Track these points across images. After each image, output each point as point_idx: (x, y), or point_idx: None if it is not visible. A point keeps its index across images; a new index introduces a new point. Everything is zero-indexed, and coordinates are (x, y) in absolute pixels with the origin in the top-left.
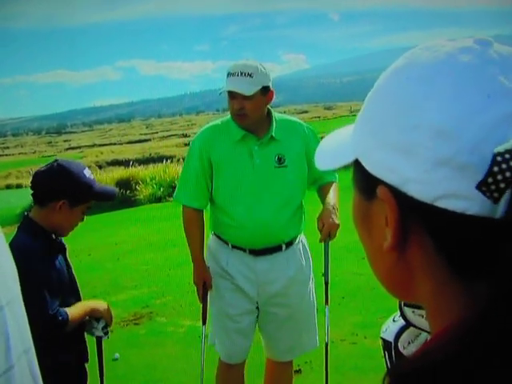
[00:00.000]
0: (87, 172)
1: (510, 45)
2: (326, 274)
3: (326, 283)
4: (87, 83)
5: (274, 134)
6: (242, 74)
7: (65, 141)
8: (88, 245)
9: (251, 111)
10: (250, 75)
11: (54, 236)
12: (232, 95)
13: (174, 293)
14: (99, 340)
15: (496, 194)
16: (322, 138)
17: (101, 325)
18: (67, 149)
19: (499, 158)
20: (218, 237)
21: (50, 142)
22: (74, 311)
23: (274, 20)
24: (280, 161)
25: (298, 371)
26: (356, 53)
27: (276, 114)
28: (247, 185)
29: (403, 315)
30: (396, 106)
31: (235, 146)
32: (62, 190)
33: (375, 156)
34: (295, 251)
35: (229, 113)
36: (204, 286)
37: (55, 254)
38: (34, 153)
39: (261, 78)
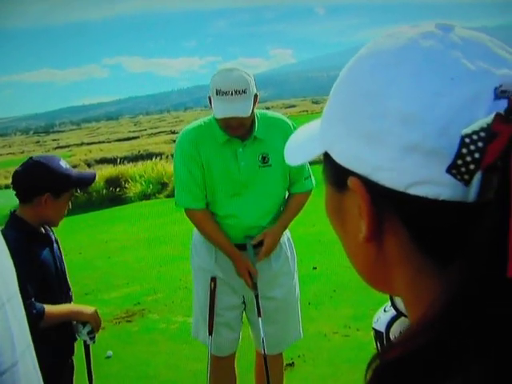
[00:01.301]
0: (63, 163)
1: (497, 36)
2: (255, 287)
3: (257, 296)
4: (74, 82)
5: (257, 135)
6: (236, 92)
7: (53, 140)
8: (78, 243)
9: (247, 124)
10: (244, 92)
11: (43, 230)
12: None
13: (166, 289)
14: (86, 344)
15: (467, 176)
16: None
17: (86, 330)
18: (56, 148)
19: (467, 140)
20: None
21: (39, 142)
22: (53, 309)
23: (260, 15)
24: (264, 160)
25: (291, 364)
26: (343, 46)
27: (259, 112)
28: (232, 186)
29: (394, 305)
30: (361, 95)
31: (220, 149)
32: (44, 184)
33: (343, 146)
34: (280, 244)
35: (211, 115)
36: (212, 294)
37: (41, 247)
38: (22, 153)
39: (251, 88)
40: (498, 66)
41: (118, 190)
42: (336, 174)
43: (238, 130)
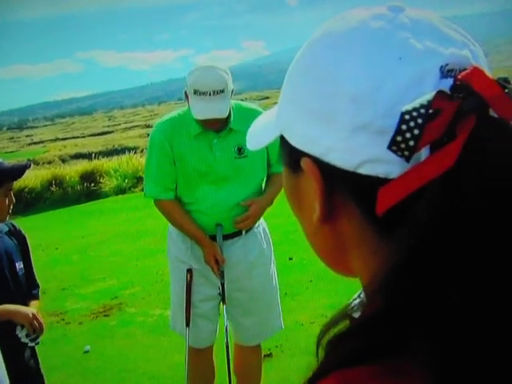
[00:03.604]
0: None
1: (465, 25)
2: (221, 275)
3: (223, 284)
4: (47, 77)
5: (232, 126)
6: (214, 92)
7: (27, 136)
8: (55, 239)
9: (224, 120)
10: (222, 91)
11: None
12: None
13: (143, 283)
14: (30, 346)
15: (407, 153)
16: None
17: (23, 332)
18: (30, 144)
19: (407, 117)
20: None
21: (12, 138)
22: None
23: (233, 7)
24: (240, 151)
25: (269, 355)
26: None
27: (234, 103)
28: (208, 177)
29: None
30: (312, 76)
31: (195, 140)
32: None
33: (296, 128)
34: (255, 235)
35: (186, 106)
36: (188, 286)
37: None
38: None
39: (229, 87)
40: (446, 45)
41: (93, 185)
42: (290, 156)
43: (215, 125)
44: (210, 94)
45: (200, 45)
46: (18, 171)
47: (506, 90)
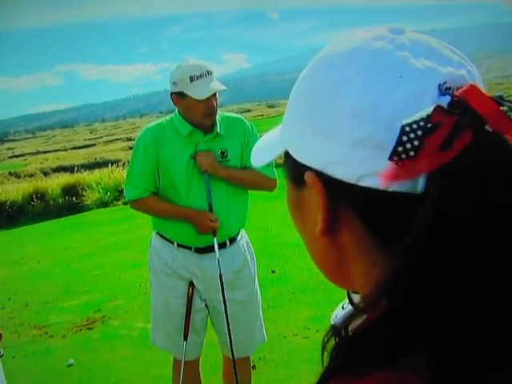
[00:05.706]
0: None
1: (445, 38)
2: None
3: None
4: (28, 89)
5: (219, 131)
6: (208, 73)
7: (8, 149)
8: (37, 252)
9: (217, 106)
10: (212, 72)
11: None
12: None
13: (126, 296)
14: None
15: (407, 163)
16: None
17: None
18: (11, 157)
19: (407, 129)
20: (162, 236)
21: None
22: None
23: (213, 20)
24: (223, 155)
25: (253, 367)
26: (297, 50)
27: (218, 113)
28: (192, 180)
29: (351, 301)
30: (316, 93)
31: (182, 142)
32: None
33: (300, 143)
34: (239, 247)
35: (172, 114)
36: (190, 300)
37: None
38: None
39: (214, 72)
40: (444, 65)
41: (75, 198)
42: (294, 171)
43: (213, 114)
44: (205, 75)
45: (181, 57)
46: None
47: (501, 108)
